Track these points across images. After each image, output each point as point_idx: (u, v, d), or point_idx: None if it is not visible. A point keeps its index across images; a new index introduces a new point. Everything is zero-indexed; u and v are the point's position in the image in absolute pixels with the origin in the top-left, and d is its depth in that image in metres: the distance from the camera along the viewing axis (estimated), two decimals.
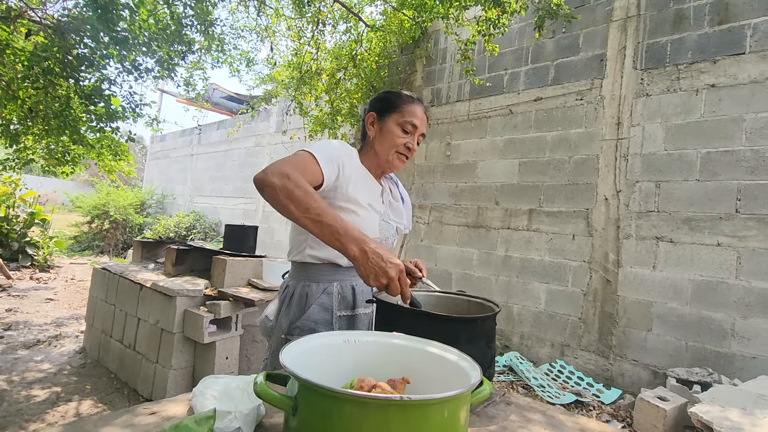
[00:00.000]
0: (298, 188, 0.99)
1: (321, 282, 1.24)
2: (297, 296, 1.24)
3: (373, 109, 1.33)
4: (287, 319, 1.23)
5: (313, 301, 1.22)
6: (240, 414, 0.66)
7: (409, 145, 1.28)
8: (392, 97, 1.31)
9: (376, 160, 1.31)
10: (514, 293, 4.23)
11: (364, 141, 1.36)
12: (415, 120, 1.27)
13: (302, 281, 1.26)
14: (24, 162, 4.69)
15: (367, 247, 0.94)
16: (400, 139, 1.27)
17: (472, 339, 0.98)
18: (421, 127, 1.29)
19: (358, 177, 1.25)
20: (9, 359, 3.38)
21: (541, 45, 4.31)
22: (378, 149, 1.30)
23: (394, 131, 1.27)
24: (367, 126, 1.33)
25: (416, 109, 1.29)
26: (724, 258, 3.12)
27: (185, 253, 3.37)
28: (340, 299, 1.24)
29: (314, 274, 1.25)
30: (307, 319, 1.20)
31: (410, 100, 1.29)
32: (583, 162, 3.89)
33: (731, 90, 3.20)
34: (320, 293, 1.22)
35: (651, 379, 3.34)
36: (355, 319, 1.25)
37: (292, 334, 1.19)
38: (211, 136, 10.03)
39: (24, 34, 3.82)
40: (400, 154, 1.29)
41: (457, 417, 0.62)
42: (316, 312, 1.21)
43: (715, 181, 3.20)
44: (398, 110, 1.28)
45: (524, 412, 0.89)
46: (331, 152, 1.18)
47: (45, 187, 15.04)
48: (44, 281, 6.37)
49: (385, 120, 1.29)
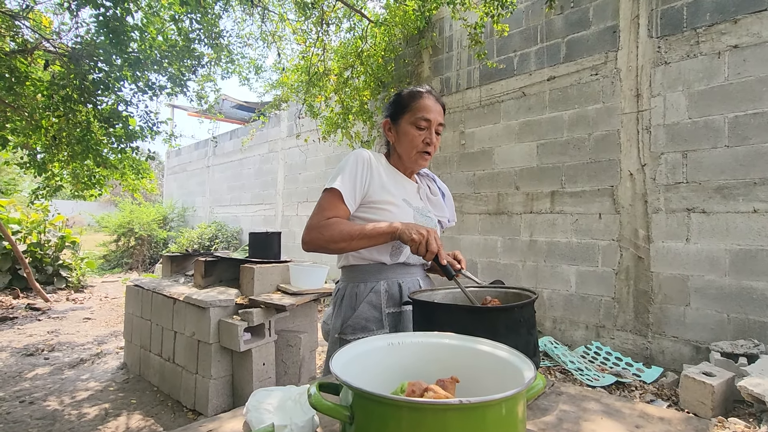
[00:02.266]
0: (329, 228, 1.15)
1: (369, 281, 1.29)
2: (347, 297, 1.29)
3: (388, 116, 1.36)
4: (339, 319, 1.29)
5: (362, 300, 1.26)
6: (296, 427, 0.66)
7: (428, 140, 1.29)
8: (401, 99, 1.33)
9: (403, 163, 1.36)
10: (542, 278, 4.17)
11: (388, 146, 1.40)
12: (426, 114, 1.27)
13: (351, 282, 1.31)
14: (54, 189, 4.84)
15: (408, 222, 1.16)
16: (418, 138, 1.28)
17: (512, 328, 0.97)
18: (436, 119, 1.29)
19: (387, 178, 1.30)
20: (57, 380, 3.51)
21: (549, 22, 4.20)
22: (401, 152, 1.33)
23: (410, 132, 1.29)
24: (385, 134, 1.37)
25: (426, 102, 1.28)
26: (762, 224, 3.00)
27: (213, 265, 3.42)
28: (387, 297, 1.27)
29: (362, 274, 1.30)
30: (358, 317, 1.24)
31: (418, 96, 1.30)
32: (604, 138, 3.79)
33: (755, 49, 3.06)
34: (368, 292, 1.27)
35: (693, 355, 3.25)
36: (402, 316, 1.28)
37: (345, 333, 1.24)
38: (225, 146, 10.17)
39: (42, 65, 3.93)
40: (422, 152, 1.31)
41: (515, 414, 0.61)
42: (366, 310, 1.25)
43: (745, 145, 3.08)
44: (408, 110, 1.29)
45: (577, 402, 0.87)
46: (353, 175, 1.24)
47: (71, 210, 15.54)
48: (80, 301, 6.59)
49: (399, 123, 1.31)
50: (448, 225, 1.50)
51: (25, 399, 3.11)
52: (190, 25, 4.18)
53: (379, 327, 1.24)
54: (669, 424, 0.77)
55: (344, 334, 1.25)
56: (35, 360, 3.96)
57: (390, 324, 1.25)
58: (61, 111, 3.77)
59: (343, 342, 1.22)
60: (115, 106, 4.06)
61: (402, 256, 1.30)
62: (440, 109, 1.31)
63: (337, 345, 1.25)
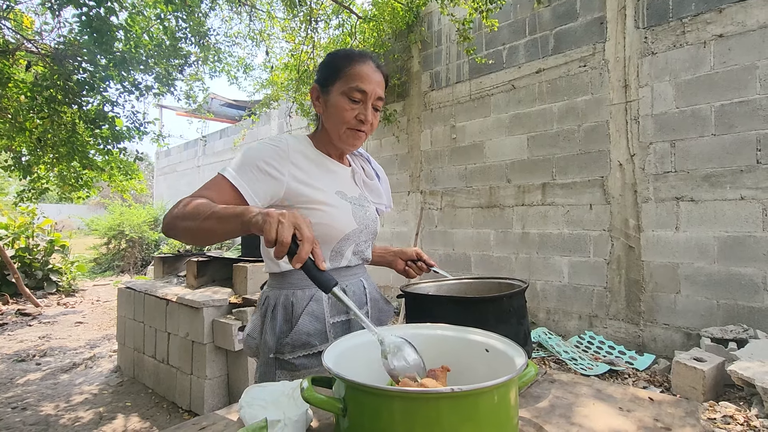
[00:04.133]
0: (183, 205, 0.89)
1: (307, 288, 1.06)
2: (281, 307, 1.06)
3: (317, 81, 1.09)
4: (273, 335, 1.04)
5: (300, 311, 1.04)
6: (290, 421, 0.66)
7: (361, 117, 1.03)
8: (334, 61, 1.06)
9: (330, 140, 1.10)
10: (535, 269, 4.20)
11: (318, 121, 1.13)
12: (362, 84, 1.01)
13: (284, 290, 1.07)
14: (40, 192, 4.78)
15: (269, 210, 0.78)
16: (349, 112, 1.03)
17: (502, 318, 0.97)
18: (374, 91, 1.03)
19: (314, 167, 1.07)
20: (50, 385, 3.47)
21: (537, 15, 4.21)
22: (328, 127, 1.08)
23: (340, 103, 1.03)
24: (313, 103, 1.10)
25: (363, 68, 1.03)
26: (749, 211, 3.04)
27: (206, 265, 3.40)
28: (331, 305, 1.07)
29: (297, 280, 1.07)
30: (299, 332, 1.02)
31: (354, 60, 1.04)
32: (593, 129, 3.81)
33: (740, 38, 3.09)
34: (307, 301, 1.05)
35: (684, 342, 3.30)
36: (351, 324, 1.09)
37: (282, 353, 1.03)
38: (215, 146, 10.09)
39: (24, 66, 3.86)
40: (353, 129, 1.05)
41: (507, 402, 0.62)
42: (307, 323, 1.04)
43: (732, 133, 3.12)
44: (341, 76, 1.03)
45: (570, 388, 0.88)
46: (255, 164, 0.99)
47: (60, 214, 15.31)
48: (71, 306, 6.51)
49: (330, 91, 1.05)
50: (385, 212, 1.27)
51: (18, 405, 3.07)
52: (176, 23, 4.13)
53: (322, 341, 1.04)
54: (659, 406, 0.78)
55: (281, 353, 1.03)
56: (27, 366, 3.91)
57: (336, 336, 1.05)
58: (45, 112, 3.72)
59: (282, 363, 1.03)
60: (101, 106, 4.01)
61: (344, 259, 1.11)
62: (380, 79, 1.05)
63: (273, 366, 1.04)
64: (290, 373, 1.03)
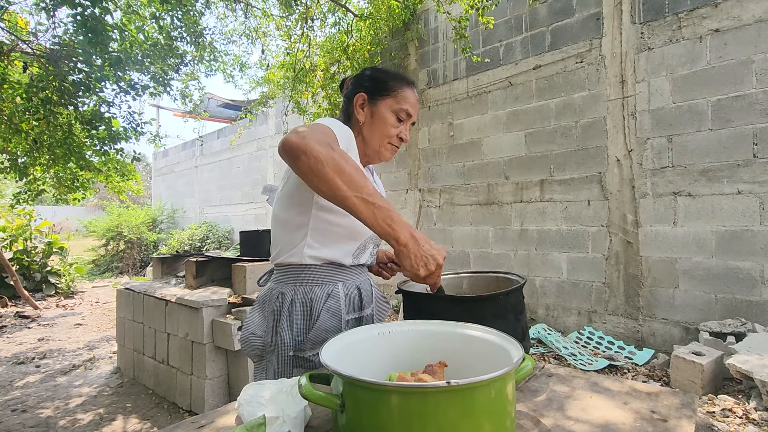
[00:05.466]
0: (348, 163, 0.84)
1: (324, 285, 1.07)
2: (299, 304, 1.06)
3: (363, 90, 1.13)
4: (291, 333, 1.04)
5: (320, 308, 1.05)
6: (288, 418, 0.66)
7: (403, 135, 1.13)
8: (385, 78, 1.13)
9: (364, 148, 1.14)
10: (534, 266, 4.21)
11: (348, 123, 1.14)
12: (410, 108, 1.12)
13: (301, 286, 1.07)
14: (36, 193, 4.76)
15: (416, 233, 0.83)
16: (394, 129, 1.11)
17: (499, 315, 0.97)
18: (414, 115, 1.14)
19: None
20: (49, 387, 3.46)
21: (534, 11, 4.21)
22: (367, 136, 1.12)
23: (388, 119, 1.10)
24: (356, 108, 1.12)
25: (410, 94, 1.13)
26: (746, 205, 3.05)
27: (204, 265, 3.40)
28: (347, 302, 1.09)
29: (315, 276, 1.07)
30: (319, 329, 1.03)
31: (405, 84, 1.13)
32: (591, 125, 3.82)
33: (736, 32, 3.10)
34: (326, 298, 1.06)
35: (683, 336, 3.31)
36: (362, 322, 1.12)
37: (303, 350, 1.03)
38: (213, 146, 10.07)
39: (21, 67, 3.85)
40: (392, 145, 1.14)
41: (504, 395, 0.62)
42: (326, 319, 1.04)
43: (728, 128, 3.12)
44: (393, 95, 1.11)
45: (567, 382, 0.88)
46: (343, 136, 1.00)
47: (58, 215, 15.28)
48: (70, 307, 6.50)
49: (378, 104, 1.11)
50: None
51: (18, 407, 3.07)
52: (171, 23, 4.11)
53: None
54: (656, 399, 0.78)
55: (301, 351, 1.03)
56: (26, 368, 3.90)
57: None
58: (41, 114, 3.70)
59: (301, 360, 1.03)
60: (97, 107, 4.00)
61: (363, 257, 1.13)
62: (418, 106, 1.17)
63: (290, 365, 1.03)
64: (307, 371, 1.02)
